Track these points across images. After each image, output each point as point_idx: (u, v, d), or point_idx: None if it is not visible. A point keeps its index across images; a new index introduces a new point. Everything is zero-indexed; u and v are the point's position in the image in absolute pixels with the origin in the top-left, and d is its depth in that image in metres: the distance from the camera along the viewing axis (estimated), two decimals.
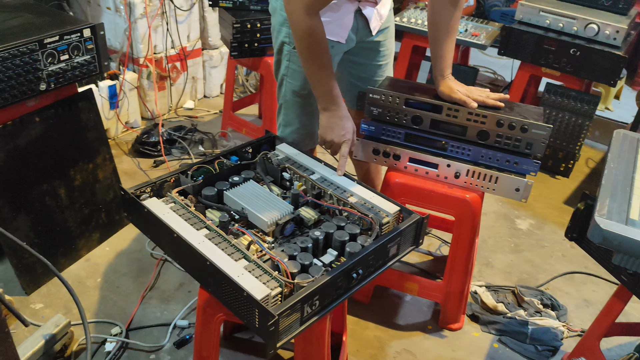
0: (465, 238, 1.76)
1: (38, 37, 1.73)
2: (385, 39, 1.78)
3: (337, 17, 1.61)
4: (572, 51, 2.65)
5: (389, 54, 1.83)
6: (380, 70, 1.83)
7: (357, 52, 1.76)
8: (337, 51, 1.68)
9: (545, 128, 1.60)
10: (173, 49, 3.11)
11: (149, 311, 1.90)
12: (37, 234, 1.92)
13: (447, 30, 1.66)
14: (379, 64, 1.81)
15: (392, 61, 1.87)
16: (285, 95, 1.73)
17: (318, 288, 1.15)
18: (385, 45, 1.79)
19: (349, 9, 1.62)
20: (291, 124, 1.76)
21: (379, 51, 1.78)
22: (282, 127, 1.79)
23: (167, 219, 1.31)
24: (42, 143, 1.89)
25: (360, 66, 1.79)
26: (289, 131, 1.77)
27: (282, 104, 1.76)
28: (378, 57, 1.79)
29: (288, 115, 1.75)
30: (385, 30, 1.77)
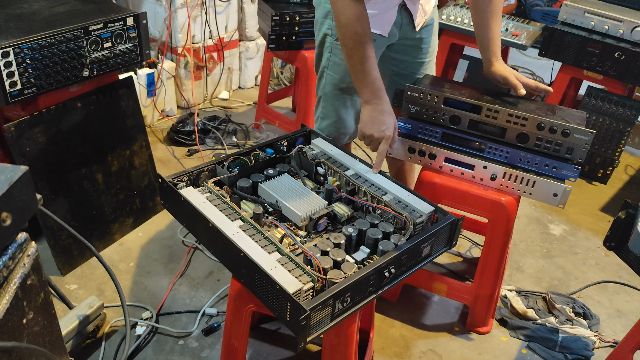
0: (498, 241, 1.73)
1: (83, 24, 1.76)
2: (429, 36, 1.76)
3: (381, 10, 1.60)
4: (617, 54, 2.58)
5: (432, 51, 1.81)
6: (422, 68, 1.81)
7: (399, 49, 1.75)
8: (379, 45, 1.67)
9: (588, 133, 1.56)
10: (211, 40, 3.14)
11: (179, 297, 1.93)
12: (74, 217, 1.96)
13: (491, 10, 1.64)
14: (422, 61, 1.79)
15: (434, 59, 1.86)
16: (325, 88, 1.73)
17: (350, 285, 1.15)
18: (428, 42, 1.77)
19: (393, 3, 1.61)
20: (328, 117, 1.76)
21: (422, 48, 1.76)
22: (319, 119, 1.79)
23: (202, 208, 1.32)
24: (83, 128, 1.93)
25: (402, 63, 1.78)
26: (325, 124, 1.77)
27: (321, 97, 1.76)
28: (420, 54, 1.77)
29: (326, 108, 1.75)
30: (429, 27, 1.75)
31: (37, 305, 0.57)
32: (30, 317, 0.56)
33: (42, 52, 1.67)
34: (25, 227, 0.60)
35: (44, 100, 1.80)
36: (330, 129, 1.76)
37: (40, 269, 0.59)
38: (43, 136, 1.81)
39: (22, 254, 0.55)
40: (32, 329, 0.56)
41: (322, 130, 1.78)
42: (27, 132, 1.76)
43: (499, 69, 1.68)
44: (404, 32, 1.70)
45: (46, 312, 0.60)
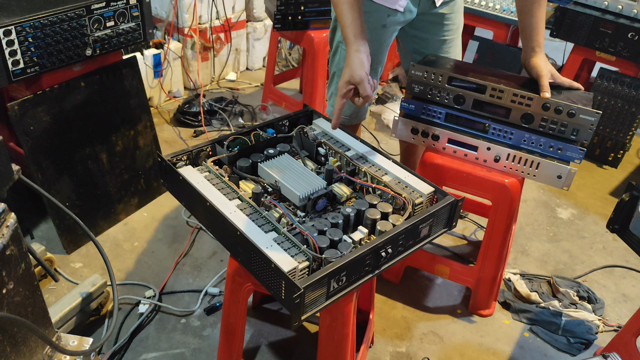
0: (501, 224, 1.71)
1: (85, 3, 1.76)
2: (452, 12, 1.71)
3: None
4: (630, 35, 2.52)
5: (455, 28, 1.76)
6: (445, 46, 1.77)
7: (420, 26, 1.71)
8: (394, 21, 1.65)
9: (594, 114, 1.53)
10: (218, 20, 3.12)
11: (182, 277, 1.95)
12: (79, 196, 1.98)
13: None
14: (444, 38, 1.75)
15: (459, 37, 1.80)
16: (339, 64, 1.71)
17: (346, 264, 1.15)
18: (451, 19, 1.72)
19: None
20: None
21: (443, 25, 1.72)
22: (333, 96, 1.78)
23: (200, 187, 1.32)
24: (86, 108, 1.93)
25: (423, 41, 1.75)
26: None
27: (335, 72, 1.75)
28: (442, 31, 1.73)
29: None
30: (451, 3, 1.70)
31: (17, 276, 0.57)
32: (11, 287, 0.56)
33: (44, 31, 1.67)
34: (3, 198, 0.60)
35: (47, 80, 1.80)
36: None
37: (20, 240, 0.59)
38: (47, 115, 1.82)
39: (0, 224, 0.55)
40: (12, 299, 0.56)
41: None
42: (31, 111, 1.77)
43: (537, 64, 1.60)
44: (423, 8, 1.66)
45: (28, 282, 0.60)
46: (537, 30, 1.60)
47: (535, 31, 1.60)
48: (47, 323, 0.65)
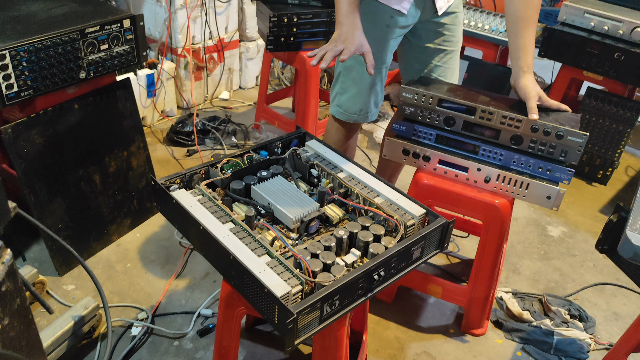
0: (492, 244, 1.73)
1: (79, 27, 1.78)
2: (453, 24, 1.77)
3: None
4: (617, 55, 2.56)
5: (455, 41, 1.81)
6: (444, 56, 1.81)
7: (421, 34, 1.77)
8: (397, 23, 1.69)
9: (582, 136, 1.56)
10: (211, 40, 3.15)
11: (175, 298, 1.94)
12: (71, 218, 1.98)
13: (523, 18, 1.60)
14: (444, 48, 1.79)
15: (458, 51, 1.85)
16: (346, 62, 1.75)
17: (338, 288, 1.16)
18: (451, 30, 1.77)
19: None
20: (348, 90, 1.78)
21: (444, 35, 1.77)
22: (338, 95, 1.82)
23: (194, 211, 1.33)
24: (80, 129, 1.94)
25: (423, 50, 1.79)
26: (345, 98, 1.79)
27: (341, 72, 1.79)
28: (443, 41, 1.78)
29: (346, 82, 1.78)
30: (453, 15, 1.76)
31: (12, 311, 0.58)
32: (6, 322, 0.56)
33: (38, 55, 1.68)
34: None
35: (41, 102, 1.81)
36: (349, 104, 1.79)
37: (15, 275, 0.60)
38: (40, 138, 1.82)
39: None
40: (7, 334, 0.57)
41: (341, 105, 1.81)
42: (24, 133, 1.78)
43: (525, 85, 1.63)
44: (426, 15, 1.72)
45: (23, 317, 0.60)
46: (525, 51, 1.63)
47: (524, 52, 1.63)
48: (40, 356, 0.65)
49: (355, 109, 1.81)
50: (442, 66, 1.83)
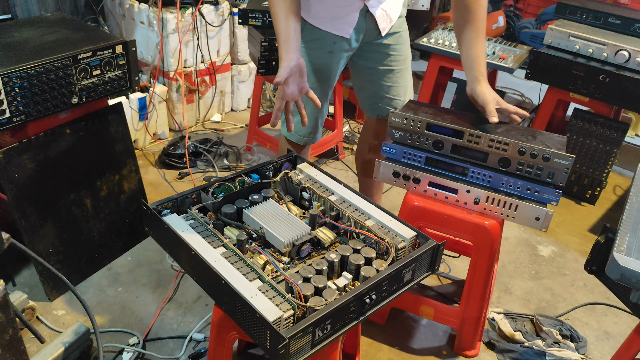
0: (483, 264, 1.74)
1: (72, 53, 1.79)
2: (398, 43, 1.84)
3: (342, 14, 1.70)
4: (601, 77, 2.62)
5: (403, 60, 1.88)
6: (393, 75, 1.88)
7: (368, 56, 1.83)
8: (340, 48, 1.76)
9: (568, 158, 1.58)
10: (203, 64, 3.18)
11: (166, 323, 1.93)
12: (62, 242, 1.97)
13: (474, 30, 1.67)
14: (391, 68, 1.86)
15: (408, 68, 1.92)
16: None
17: (330, 312, 1.16)
18: (397, 50, 1.85)
19: (354, 6, 1.70)
20: (296, 114, 1.83)
21: (390, 55, 1.84)
22: (283, 122, 1.89)
23: (185, 235, 1.34)
24: (72, 154, 1.95)
25: (372, 71, 1.86)
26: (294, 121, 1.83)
27: None
28: (389, 60, 1.85)
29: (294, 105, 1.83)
30: (397, 35, 1.83)
31: (4, 342, 0.58)
32: None
33: (31, 81, 1.70)
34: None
35: (33, 127, 1.82)
36: (297, 126, 1.86)
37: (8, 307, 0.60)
38: (32, 163, 1.83)
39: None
40: None
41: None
42: (16, 159, 1.78)
43: (482, 91, 1.69)
44: (369, 37, 1.79)
45: (14, 348, 0.60)
46: (478, 61, 1.69)
47: (476, 62, 1.69)
48: None
49: (304, 132, 1.90)
50: (393, 85, 1.90)
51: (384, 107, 1.94)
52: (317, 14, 1.72)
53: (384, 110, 1.95)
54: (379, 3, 1.73)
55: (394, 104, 1.93)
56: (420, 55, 4.39)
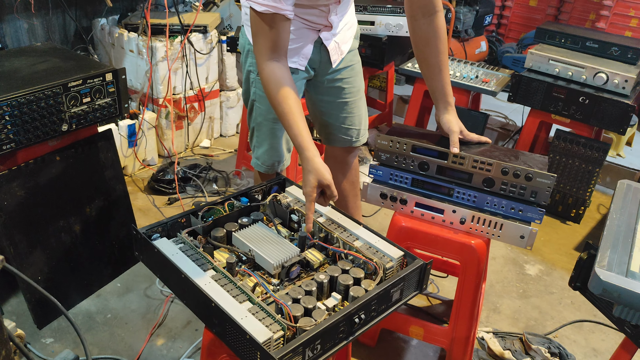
0: (470, 284, 1.77)
1: (62, 81, 1.82)
2: (350, 76, 1.89)
3: (297, 45, 1.74)
4: (581, 99, 2.69)
5: (356, 91, 1.93)
6: (348, 107, 1.93)
7: (322, 90, 1.89)
8: (297, 77, 1.81)
9: (550, 177, 1.63)
10: (192, 90, 3.22)
11: (156, 349, 1.92)
12: (51, 269, 1.97)
13: (437, 63, 1.72)
14: (346, 100, 1.91)
15: (361, 98, 1.97)
16: (256, 119, 1.87)
17: (320, 332, 1.17)
18: (351, 82, 1.90)
19: (309, 38, 1.75)
20: (262, 144, 1.89)
21: (343, 88, 1.89)
22: (255, 149, 1.93)
23: (175, 259, 1.35)
24: (61, 181, 1.96)
25: (327, 104, 1.92)
26: (260, 152, 1.91)
27: (254, 127, 1.90)
28: (343, 93, 1.90)
29: (259, 137, 1.90)
30: (349, 68, 1.89)
31: None
32: None
33: (21, 109, 1.72)
34: None
35: (23, 155, 1.83)
36: (264, 157, 1.91)
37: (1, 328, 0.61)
38: (21, 190, 1.83)
39: None
40: None
41: (259, 158, 1.93)
42: (5, 186, 1.79)
43: (449, 120, 1.74)
44: (323, 69, 1.84)
45: None
46: (445, 91, 1.75)
47: (444, 92, 1.75)
48: None
49: (271, 162, 1.93)
50: (348, 116, 1.94)
51: (340, 136, 1.98)
52: None
53: (341, 140, 1.99)
54: (332, 35, 1.79)
55: (350, 133, 1.98)
56: (406, 80, 4.48)
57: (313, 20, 1.73)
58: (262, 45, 1.50)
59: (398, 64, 3.30)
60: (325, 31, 1.78)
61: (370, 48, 3.24)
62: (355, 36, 1.93)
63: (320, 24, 1.75)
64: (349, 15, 1.85)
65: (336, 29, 1.80)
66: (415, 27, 1.72)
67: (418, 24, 1.70)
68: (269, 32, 1.49)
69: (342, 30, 1.84)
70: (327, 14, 1.73)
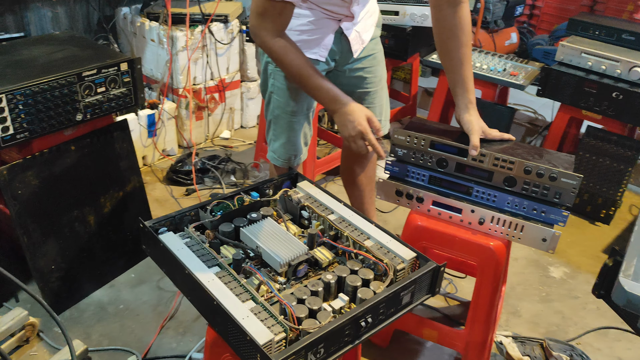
0: (487, 286, 1.69)
1: (77, 71, 1.81)
2: (372, 65, 1.84)
3: (317, 35, 1.70)
4: (615, 94, 2.57)
5: (378, 80, 1.88)
6: (369, 97, 1.88)
7: (343, 80, 1.83)
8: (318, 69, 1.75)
9: (575, 178, 1.54)
10: (212, 81, 3.19)
11: (166, 341, 1.91)
12: (64, 259, 1.97)
13: (457, 56, 1.64)
14: (367, 90, 1.86)
15: (383, 88, 1.93)
16: (274, 112, 1.83)
17: (324, 335, 1.13)
18: (372, 72, 1.85)
19: (329, 29, 1.70)
20: (279, 138, 1.85)
21: (365, 77, 1.84)
22: (271, 142, 1.89)
23: (180, 254, 1.32)
24: (76, 171, 1.95)
25: (348, 94, 1.85)
26: (277, 145, 1.86)
27: (271, 120, 1.85)
28: (364, 83, 1.85)
29: (276, 130, 1.85)
30: (371, 57, 1.83)
31: None
32: None
33: (35, 98, 1.71)
34: None
35: (38, 144, 1.83)
36: (281, 150, 1.86)
37: None
38: (35, 179, 1.83)
39: None
40: None
41: (275, 151, 1.88)
42: (20, 175, 1.79)
43: (469, 120, 1.66)
44: (344, 59, 1.79)
45: None
46: (467, 88, 1.66)
47: (466, 89, 1.66)
48: None
49: (287, 155, 1.88)
50: (370, 106, 1.88)
51: None
52: (293, 38, 1.68)
53: None
54: (353, 25, 1.74)
55: None
56: (432, 72, 4.37)
57: (334, 10, 1.68)
58: (269, 27, 1.53)
59: (423, 55, 3.21)
60: (347, 21, 1.72)
61: (393, 39, 3.15)
62: (377, 24, 1.87)
63: (341, 14, 1.70)
64: (370, 3, 1.79)
65: (357, 18, 1.74)
66: (439, 18, 1.64)
67: (443, 14, 1.62)
68: (278, 18, 1.52)
69: (363, 19, 1.78)
70: (350, 4, 1.67)
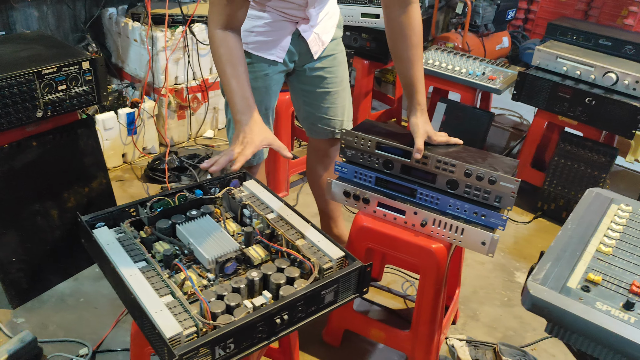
0: (430, 288, 1.70)
1: (36, 69, 1.85)
2: (333, 66, 1.86)
3: (273, 37, 1.71)
4: (588, 100, 2.55)
5: (339, 81, 1.89)
6: (330, 97, 1.89)
7: (304, 80, 1.86)
8: (274, 71, 1.78)
9: (514, 181, 1.54)
10: (194, 81, 3.23)
11: (120, 335, 1.94)
12: (26, 251, 2.02)
13: (409, 59, 1.65)
14: (328, 90, 1.88)
15: (345, 89, 1.93)
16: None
17: (232, 331, 1.15)
18: (333, 72, 1.86)
19: (286, 31, 1.72)
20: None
21: (325, 77, 1.86)
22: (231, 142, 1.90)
23: (109, 248, 1.35)
24: (38, 166, 2.00)
25: (310, 94, 1.89)
26: None
27: (230, 119, 1.88)
28: (325, 83, 1.86)
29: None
30: (331, 57, 1.85)
31: None
32: None
33: None
34: None
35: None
36: None
37: None
38: None
39: None
40: None
41: None
42: None
43: (415, 123, 1.65)
44: (303, 61, 1.81)
45: None
46: (416, 89, 1.66)
47: (415, 91, 1.67)
48: None
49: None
50: (331, 106, 1.90)
51: (322, 127, 1.95)
52: (250, 39, 1.73)
53: (323, 131, 1.96)
54: (311, 27, 1.75)
55: (332, 124, 1.94)
56: None
57: (290, 13, 1.70)
58: (216, 16, 1.50)
59: None
60: (303, 24, 1.74)
61: (374, 41, 3.17)
62: (338, 25, 1.88)
63: (297, 16, 1.72)
64: (329, 5, 1.81)
65: (315, 20, 1.76)
66: (390, 18, 1.66)
67: (393, 15, 1.64)
68: (225, 7, 1.48)
69: (323, 21, 1.79)
70: (305, 7, 1.69)
